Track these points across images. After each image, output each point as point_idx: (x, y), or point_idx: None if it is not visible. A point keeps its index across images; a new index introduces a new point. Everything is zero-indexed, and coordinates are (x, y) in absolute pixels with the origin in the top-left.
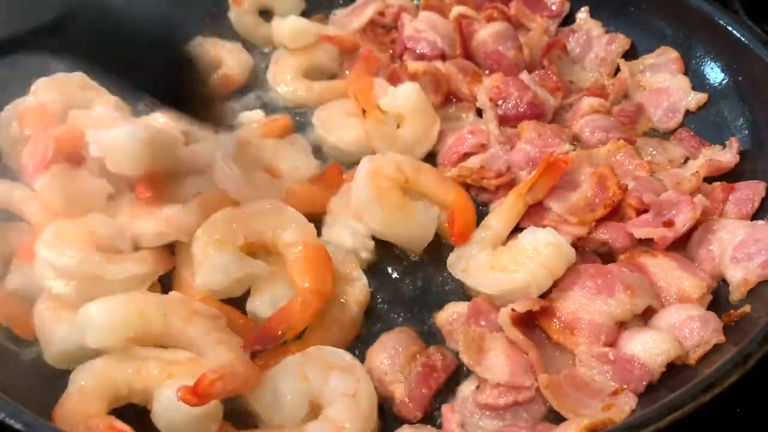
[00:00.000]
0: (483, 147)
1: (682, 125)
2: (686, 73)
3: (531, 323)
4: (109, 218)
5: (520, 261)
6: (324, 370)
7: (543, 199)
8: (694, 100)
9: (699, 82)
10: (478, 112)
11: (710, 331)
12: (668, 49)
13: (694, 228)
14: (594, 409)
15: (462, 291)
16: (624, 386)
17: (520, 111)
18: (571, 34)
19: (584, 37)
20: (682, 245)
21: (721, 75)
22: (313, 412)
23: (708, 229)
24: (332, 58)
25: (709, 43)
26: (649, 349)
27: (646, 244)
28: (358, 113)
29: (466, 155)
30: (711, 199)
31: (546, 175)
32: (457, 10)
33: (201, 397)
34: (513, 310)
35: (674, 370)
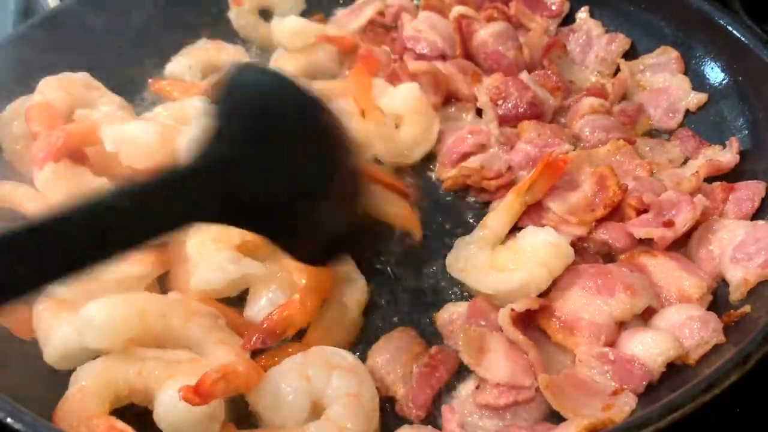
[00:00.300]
0: (483, 147)
1: (682, 125)
2: (686, 73)
3: (531, 323)
4: None
5: (519, 260)
6: (326, 370)
7: (542, 199)
8: (694, 100)
9: (699, 82)
10: (478, 112)
11: (710, 331)
12: (668, 49)
13: (694, 228)
14: (594, 409)
15: (462, 291)
16: (624, 386)
17: (520, 111)
18: (571, 34)
19: (584, 37)
20: (682, 245)
21: (721, 75)
22: (315, 413)
23: (708, 229)
24: (332, 58)
25: (709, 42)
26: (649, 349)
27: (646, 244)
28: (358, 113)
29: (466, 155)
30: (711, 199)
31: (545, 175)
32: (457, 10)
33: (203, 397)
34: (512, 310)
35: (674, 370)
